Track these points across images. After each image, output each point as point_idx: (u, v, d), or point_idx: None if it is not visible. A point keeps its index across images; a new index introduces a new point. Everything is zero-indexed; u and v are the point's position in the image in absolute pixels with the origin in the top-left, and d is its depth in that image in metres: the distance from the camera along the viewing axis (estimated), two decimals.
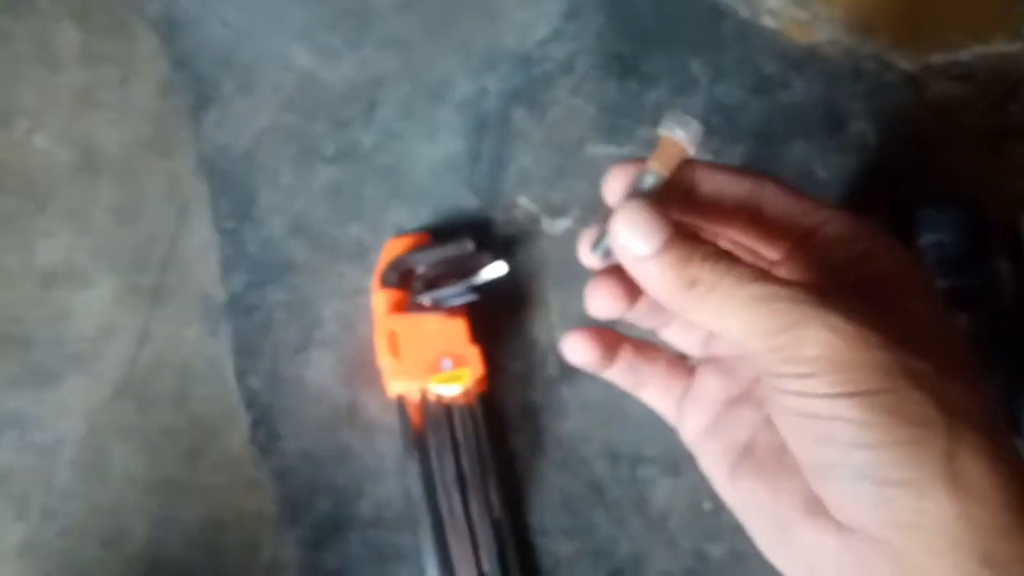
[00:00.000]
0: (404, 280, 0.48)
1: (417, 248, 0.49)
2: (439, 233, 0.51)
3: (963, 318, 0.44)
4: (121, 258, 0.51)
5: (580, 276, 0.51)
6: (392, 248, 0.50)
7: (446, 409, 0.45)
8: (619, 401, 0.46)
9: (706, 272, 0.26)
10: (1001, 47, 0.56)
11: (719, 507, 0.46)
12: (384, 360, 0.45)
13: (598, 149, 0.53)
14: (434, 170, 0.53)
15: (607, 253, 0.29)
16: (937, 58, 0.55)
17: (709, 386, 0.32)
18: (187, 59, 0.55)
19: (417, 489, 0.44)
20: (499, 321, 0.49)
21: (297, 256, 0.51)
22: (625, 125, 0.54)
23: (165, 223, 0.52)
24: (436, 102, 0.55)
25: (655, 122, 0.53)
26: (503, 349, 0.48)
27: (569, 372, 0.48)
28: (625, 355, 0.33)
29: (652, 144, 0.53)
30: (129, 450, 0.47)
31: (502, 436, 0.46)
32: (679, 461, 0.47)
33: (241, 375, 0.48)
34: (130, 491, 0.46)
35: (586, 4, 0.56)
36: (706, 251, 0.27)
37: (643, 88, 0.55)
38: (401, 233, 0.51)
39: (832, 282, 0.28)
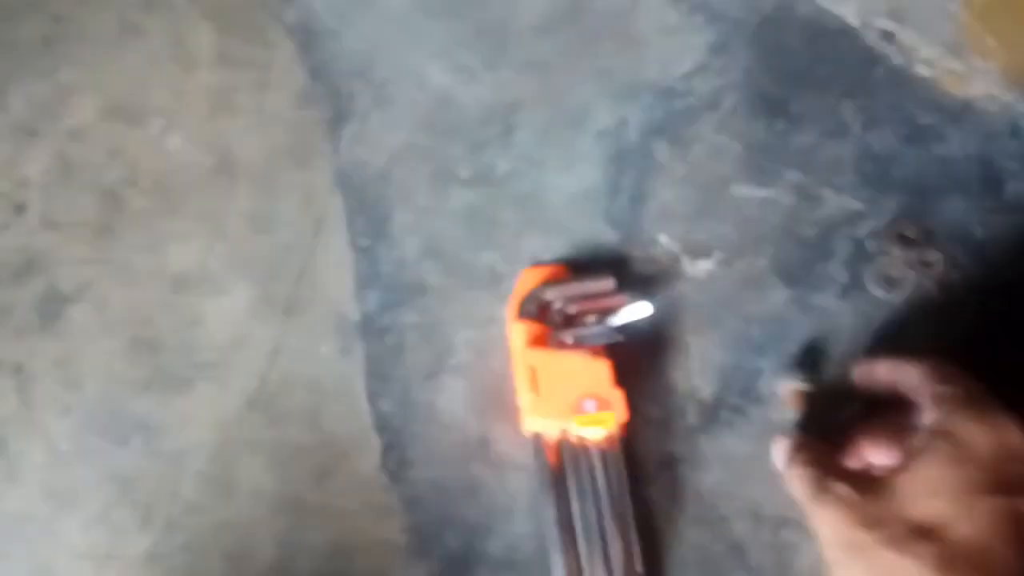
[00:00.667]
0: (541, 313, 0.47)
1: (555, 280, 0.48)
2: (576, 266, 0.50)
3: None
4: (256, 267, 0.50)
5: (721, 321, 0.51)
6: (528, 278, 0.49)
7: (587, 452, 0.43)
8: (762, 457, 0.44)
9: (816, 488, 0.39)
10: None
11: None
12: (523, 396, 0.44)
13: (743, 190, 0.52)
14: (571, 200, 0.52)
15: None
16: None
17: None
18: (324, 70, 0.55)
19: (553, 533, 0.42)
20: (636, 364, 0.47)
21: (430, 279, 0.50)
22: (771, 166, 0.52)
23: (301, 235, 0.51)
24: (575, 130, 0.54)
25: (803, 166, 0.52)
26: (640, 394, 0.47)
27: (709, 422, 0.47)
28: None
29: (800, 188, 0.52)
30: (258, 465, 0.46)
31: (639, 486, 0.45)
32: None
33: (373, 397, 0.47)
34: (257, 508, 0.45)
35: (734, 38, 0.55)
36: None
37: (791, 129, 0.53)
38: (537, 263, 0.50)
39: None
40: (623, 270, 0.50)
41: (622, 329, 0.45)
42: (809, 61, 0.54)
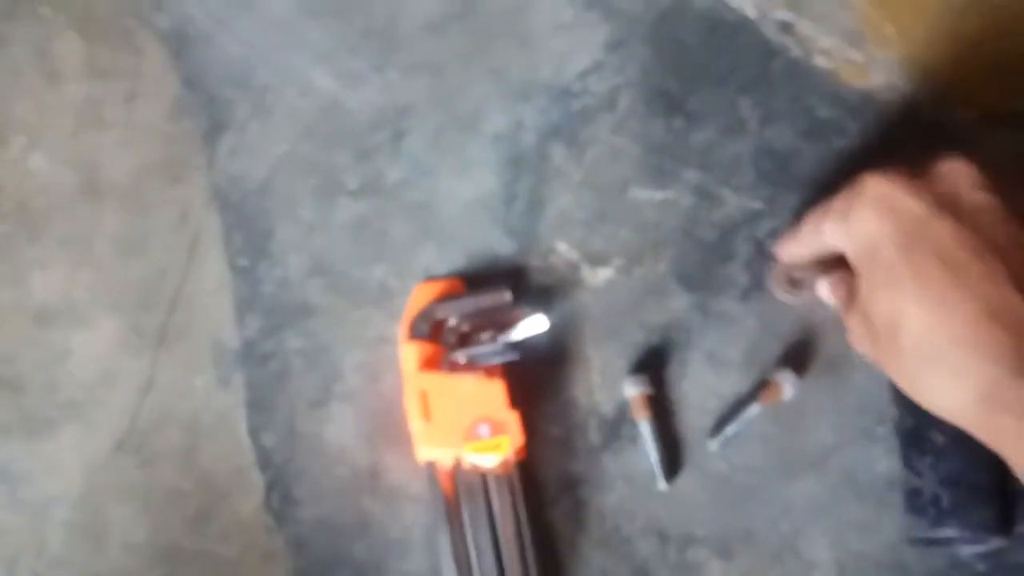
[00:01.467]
0: (435, 331, 0.45)
1: (449, 296, 0.46)
2: (472, 279, 0.47)
3: None
4: (125, 295, 0.47)
5: (623, 330, 0.49)
6: (421, 294, 0.46)
7: (482, 479, 0.41)
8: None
9: None
10: None
11: None
12: (415, 423, 0.42)
13: (642, 192, 0.50)
14: (466, 209, 0.49)
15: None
16: (1000, 106, 0.52)
17: None
18: (199, 78, 0.51)
19: (448, 567, 0.40)
20: (535, 380, 0.45)
21: (316, 299, 0.47)
22: (671, 167, 0.50)
23: (174, 258, 0.48)
24: (468, 134, 0.51)
25: (702, 165, 0.50)
26: (539, 412, 0.45)
27: (612, 439, 0.45)
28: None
29: (699, 188, 0.50)
30: (129, 513, 0.43)
31: (540, 509, 0.43)
32: (731, 543, 0.43)
33: (255, 431, 0.44)
34: (130, 559, 0.42)
35: (630, 35, 0.53)
36: None
37: (689, 127, 0.51)
38: (431, 278, 0.47)
39: None
40: (521, 281, 0.48)
41: (518, 346, 0.43)
42: (707, 56, 0.53)
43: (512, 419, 0.41)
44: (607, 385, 0.46)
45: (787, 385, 0.44)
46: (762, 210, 0.49)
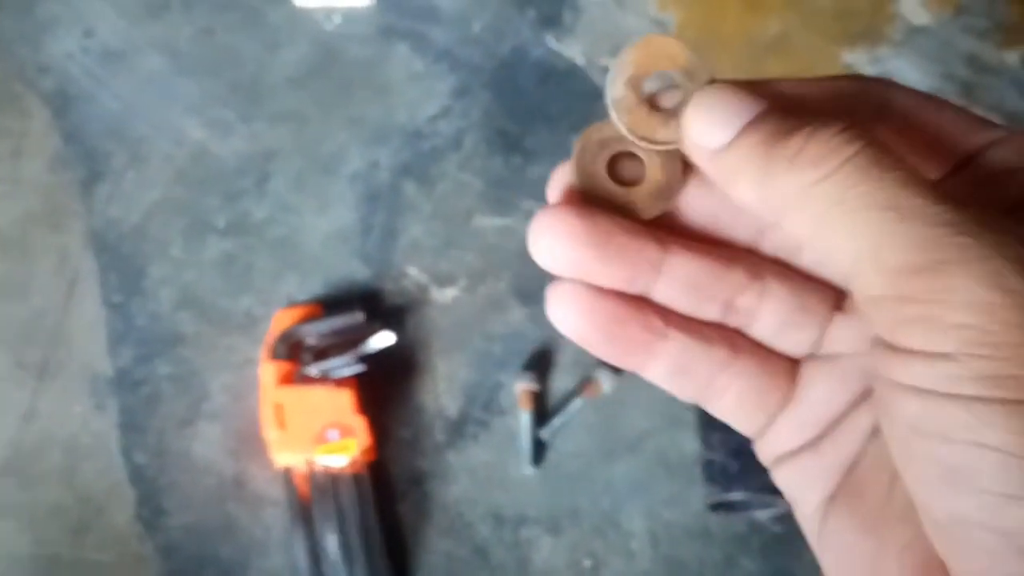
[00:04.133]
0: (294, 351, 0.50)
1: (308, 319, 0.51)
2: (331, 304, 0.52)
3: None
4: (8, 333, 0.51)
5: (467, 343, 0.55)
6: (282, 319, 0.51)
7: (332, 480, 0.46)
8: (503, 464, 0.48)
9: (823, 149, 0.17)
10: None
11: (598, 564, 0.49)
12: (270, 432, 0.47)
13: (485, 221, 0.56)
14: (326, 241, 0.55)
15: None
16: None
17: (816, 395, 0.21)
18: (79, 133, 0.56)
19: (303, 562, 0.45)
20: (387, 389, 0.50)
21: (186, 329, 0.52)
22: (510, 198, 0.57)
23: (54, 298, 0.52)
24: (328, 175, 0.57)
25: (537, 195, 0.57)
26: (391, 417, 0.50)
27: (456, 437, 0.50)
28: (676, 341, 0.21)
29: (534, 215, 0.56)
30: (13, 528, 0.46)
31: (390, 504, 0.48)
32: (559, 520, 0.49)
33: (127, 450, 0.48)
34: (13, 571, 0.45)
35: (474, 82, 0.59)
36: (822, 125, 0.18)
37: (527, 163, 0.58)
38: (292, 304, 0.52)
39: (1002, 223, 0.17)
40: (376, 303, 0.53)
41: (366, 359, 0.48)
42: (541, 99, 0.59)
43: (359, 423, 0.47)
44: (452, 391, 0.51)
45: (605, 381, 0.50)
46: None
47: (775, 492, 0.46)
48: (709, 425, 0.48)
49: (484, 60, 0.60)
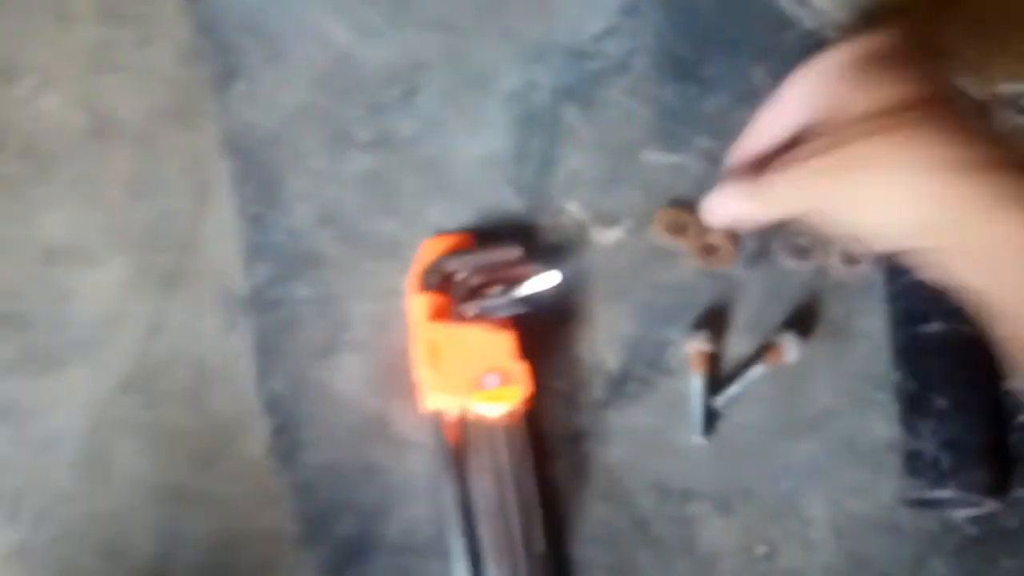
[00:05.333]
0: (444, 284, 0.45)
1: (459, 250, 0.46)
2: (481, 235, 0.47)
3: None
4: (134, 237, 0.47)
5: (631, 292, 0.49)
6: (430, 248, 0.46)
7: (488, 429, 0.41)
8: (669, 430, 0.43)
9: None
10: None
11: (773, 551, 0.44)
12: (423, 372, 0.42)
13: (654, 156, 0.50)
14: (477, 166, 0.50)
15: None
16: (1005, 88, 0.53)
17: None
18: (213, 24, 0.51)
19: (452, 514, 0.40)
20: (542, 336, 0.45)
21: (326, 249, 0.47)
22: (682, 132, 0.51)
23: (184, 202, 0.48)
24: (482, 93, 0.51)
25: (713, 132, 0.50)
26: (546, 367, 0.45)
27: (616, 395, 0.45)
28: None
29: (710, 154, 0.50)
30: (135, 451, 0.43)
31: (544, 462, 0.43)
32: (731, 499, 0.44)
33: (262, 376, 0.44)
34: (135, 498, 0.42)
35: (650, 0, 0.53)
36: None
37: (702, 93, 0.51)
38: (440, 232, 0.47)
39: None
40: (530, 239, 0.48)
41: (528, 300, 0.43)
42: (721, 23, 0.53)
43: (520, 370, 0.42)
44: (612, 343, 0.46)
45: (790, 348, 0.44)
46: None
47: (987, 491, 0.41)
48: (916, 411, 0.42)
49: None
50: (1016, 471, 0.42)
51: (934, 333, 0.42)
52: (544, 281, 0.43)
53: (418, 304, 0.43)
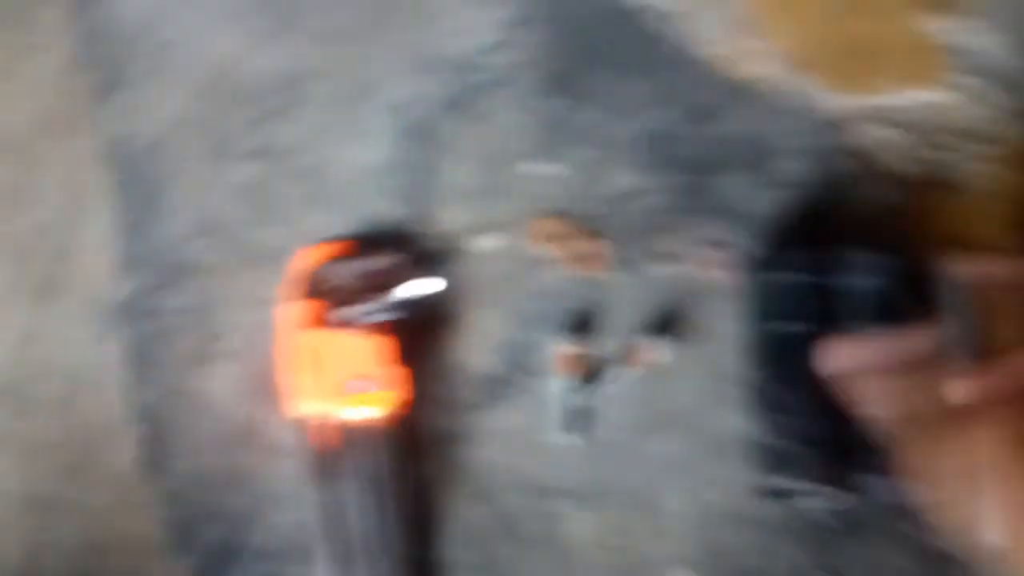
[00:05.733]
0: (322, 292, 0.46)
1: (337, 258, 0.46)
2: (361, 243, 0.48)
3: None
4: (7, 247, 0.46)
5: (505, 297, 0.51)
6: (308, 256, 0.47)
7: (359, 433, 0.42)
8: (538, 430, 0.44)
9: None
10: (928, 96, 0.56)
11: (633, 543, 0.45)
12: (295, 377, 0.43)
13: (531, 166, 0.52)
14: (359, 175, 0.50)
15: None
16: (867, 101, 0.55)
17: None
18: (98, 34, 0.51)
19: (319, 519, 0.41)
20: (418, 342, 0.46)
21: (203, 258, 0.47)
22: (560, 143, 0.52)
23: (60, 212, 0.48)
24: (367, 103, 0.52)
25: (590, 143, 0.52)
26: (420, 371, 0.46)
27: (488, 397, 0.46)
28: None
29: (585, 165, 0.52)
30: (3, 463, 0.43)
31: (415, 463, 0.44)
32: (594, 495, 0.45)
33: (134, 386, 0.44)
34: (3, 508, 0.42)
35: (532, 14, 0.54)
36: None
37: (580, 106, 0.53)
38: (320, 241, 0.48)
39: None
40: (409, 247, 0.49)
41: (403, 306, 0.44)
42: (601, 40, 0.54)
43: (391, 375, 0.43)
44: (487, 348, 0.47)
45: (654, 350, 0.46)
46: (644, 188, 0.51)
47: (834, 482, 0.43)
48: (769, 407, 0.44)
49: None
50: (863, 462, 0.44)
51: (785, 331, 0.44)
52: (420, 287, 0.44)
53: (292, 311, 0.44)
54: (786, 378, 0.43)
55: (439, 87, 0.52)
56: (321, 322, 0.44)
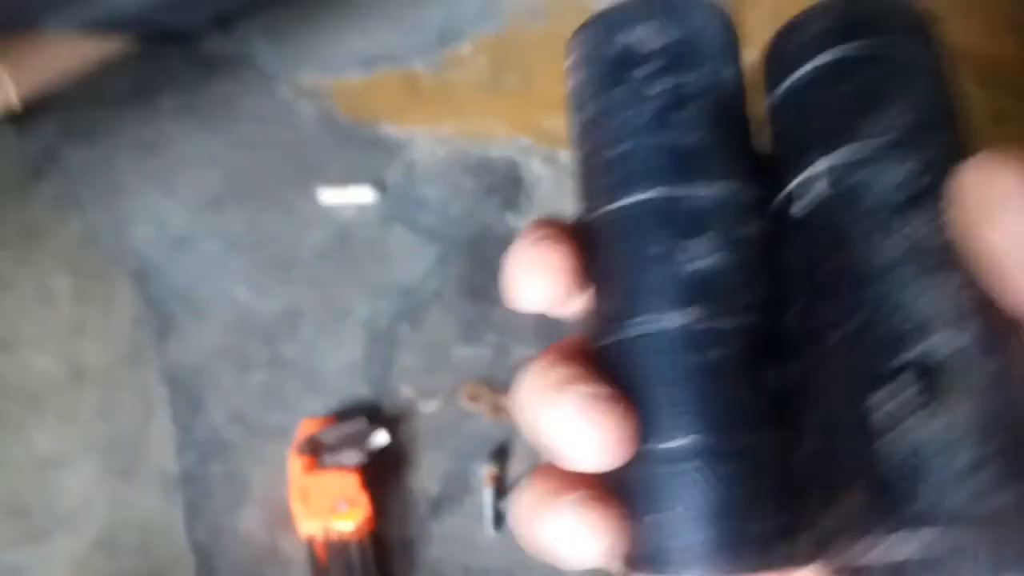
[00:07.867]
0: (315, 449, 0.66)
1: (325, 426, 0.68)
2: (342, 415, 0.70)
3: None
4: (99, 447, 0.68)
5: (446, 440, 0.71)
6: (306, 427, 0.68)
7: (343, 543, 0.61)
8: (473, 530, 0.63)
9: None
10: None
11: None
12: (296, 507, 0.62)
13: (460, 350, 0.74)
14: (339, 371, 0.73)
15: None
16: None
17: None
18: (154, 297, 0.75)
19: None
20: (384, 476, 0.66)
21: (235, 438, 0.69)
22: (478, 332, 0.75)
23: (135, 419, 0.69)
24: (343, 323, 0.75)
25: (499, 330, 0.75)
26: (387, 496, 0.66)
27: (436, 511, 0.66)
28: None
29: (496, 346, 0.74)
30: None
31: (385, 563, 0.63)
32: (515, 571, 0.64)
33: (190, 529, 0.64)
34: None
35: (452, 252, 0.79)
36: None
37: (491, 306, 0.76)
38: (314, 416, 0.70)
39: None
40: (376, 414, 0.70)
41: (368, 453, 0.65)
42: (500, 261, 0.79)
43: (362, 497, 0.62)
44: (433, 476, 0.67)
45: None
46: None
47: None
48: None
49: (460, 235, 0.80)
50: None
51: None
52: (379, 439, 0.65)
53: (295, 464, 0.65)
54: None
55: (392, 305, 0.76)
56: (314, 468, 0.65)
